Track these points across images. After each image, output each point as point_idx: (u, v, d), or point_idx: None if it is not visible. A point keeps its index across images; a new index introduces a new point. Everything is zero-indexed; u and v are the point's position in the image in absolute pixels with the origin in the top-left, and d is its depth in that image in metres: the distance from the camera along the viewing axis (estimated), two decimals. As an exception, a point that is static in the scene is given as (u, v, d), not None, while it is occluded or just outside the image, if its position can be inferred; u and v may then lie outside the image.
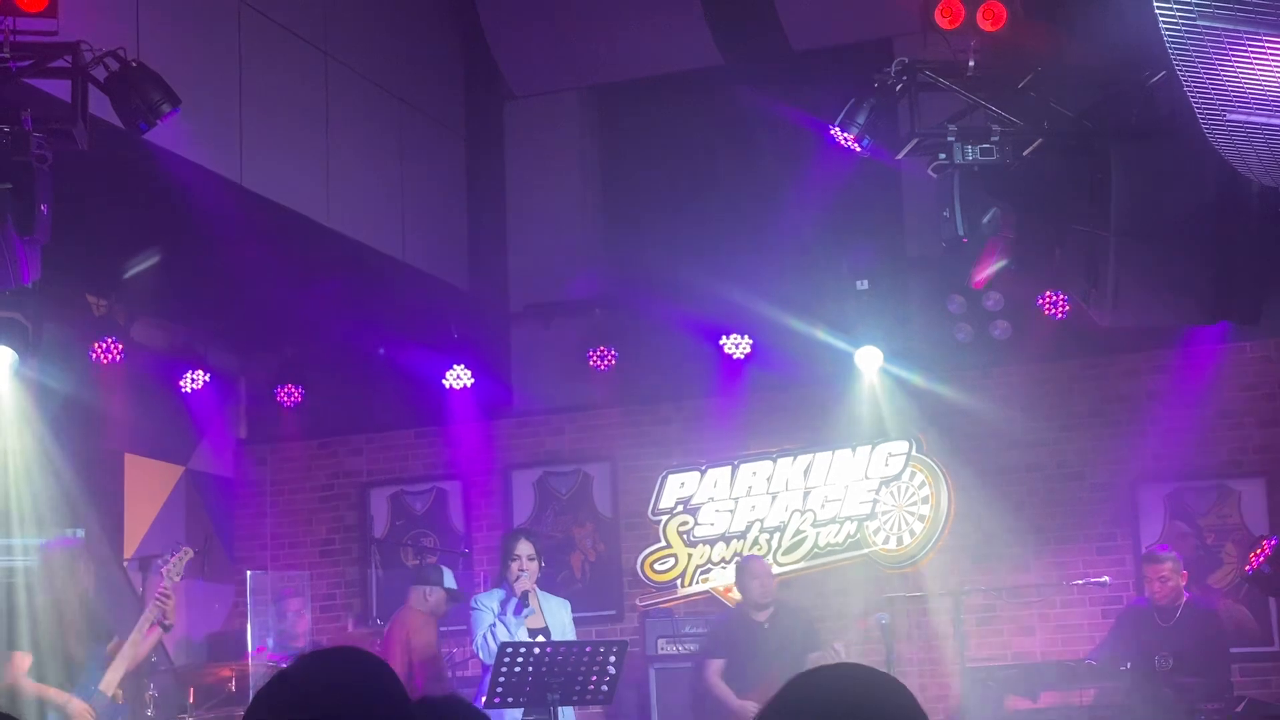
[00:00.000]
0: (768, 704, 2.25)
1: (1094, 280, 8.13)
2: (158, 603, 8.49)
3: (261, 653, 10.44)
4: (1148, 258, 7.96)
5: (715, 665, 9.96)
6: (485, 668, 8.43)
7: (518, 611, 8.43)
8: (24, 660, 8.23)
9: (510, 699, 7.88)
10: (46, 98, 7.57)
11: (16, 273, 7.31)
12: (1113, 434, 11.03)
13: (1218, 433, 10.85)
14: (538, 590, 8.70)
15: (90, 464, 11.22)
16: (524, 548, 8.63)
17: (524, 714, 8.28)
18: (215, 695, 10.10)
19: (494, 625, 8.42)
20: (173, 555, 8.72)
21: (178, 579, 8.66)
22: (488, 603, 8.58)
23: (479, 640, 8.49)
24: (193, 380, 11.60)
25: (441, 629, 10.68)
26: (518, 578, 8.53)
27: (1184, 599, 9.54)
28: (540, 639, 8.43)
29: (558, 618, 8.66)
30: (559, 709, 8.07)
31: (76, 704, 8.27)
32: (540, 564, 8.73)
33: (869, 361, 10.90)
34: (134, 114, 7.47)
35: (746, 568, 10.37)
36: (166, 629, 8.56)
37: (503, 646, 7.99)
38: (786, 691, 2.22)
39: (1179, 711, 8.65)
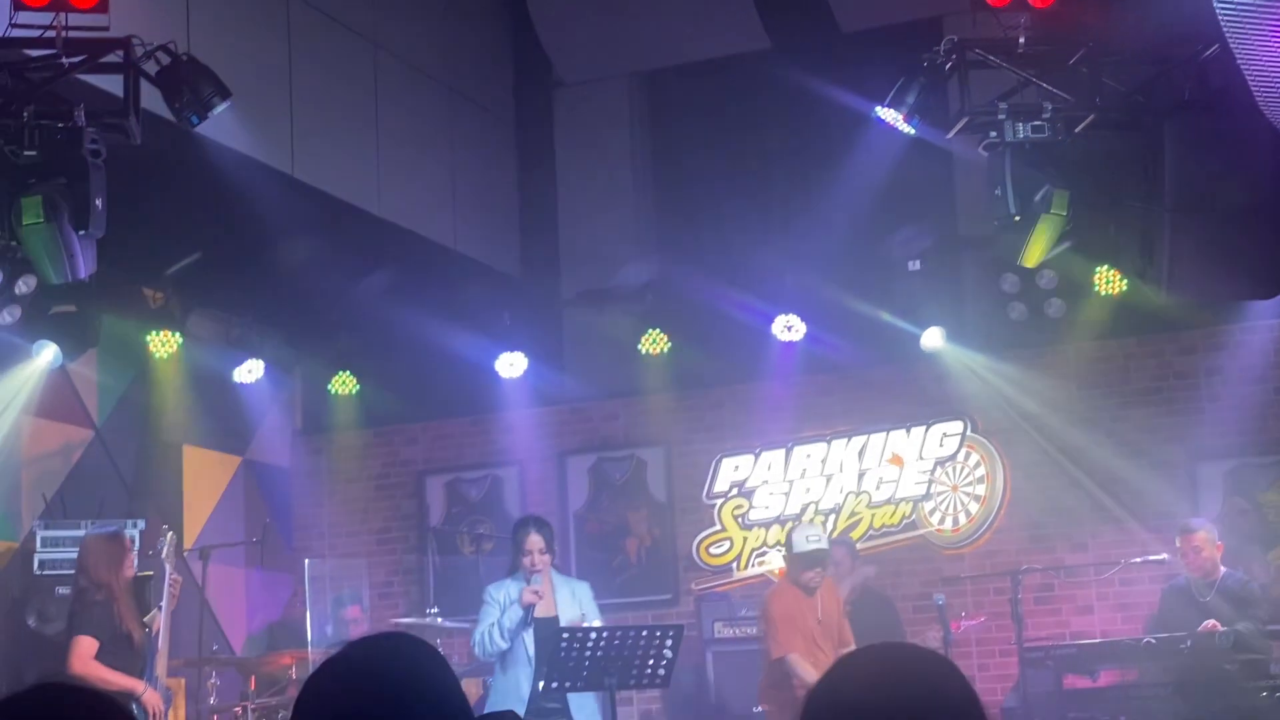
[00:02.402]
0: (819, 681, 2.25)
1: (1149, 256, 8.08)
2: (171, 590, 8.61)
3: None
4: (1203, 232, 7.90)
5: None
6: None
7: (524, 624, 8.25)
8: (91, 645, 8.15)
9: (567, 683, 7.88)
10: (99, 93, 7.64)
11: (73, 267, 7.38)
12: (1170, 411, 10.96)
13: (1276, 408, 10.76)
14: (554, 575, 8.48)
15: (149, 456, 11.33)
16: (535, 541, 8.35)
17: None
18: (276, 683, 10.17)
19: (492, 628, 8.21)
20: (164, 543, 8.86)
21: (173, 560, 8.80)
22: (496, 596, 8.36)
23: (477, 636, 8.30)
24: (249, 371, 11.68)
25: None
26: (531, 573, 8.33)
27: (1220, 573, 9.46)
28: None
29: (569, 607, 8.40)
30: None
31: (150, 693, 8.30)
32: (553, 553, 8.51)
33: (934, 342, 10.87)
34: (185, 107, 7.54)
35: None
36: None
37: (559, 631, 7.98)
38: (836, 669, 2.23)
39: (1240, 688, 8.58)
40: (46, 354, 9.47)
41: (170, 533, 9.05)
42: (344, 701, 2.49)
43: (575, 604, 8.44)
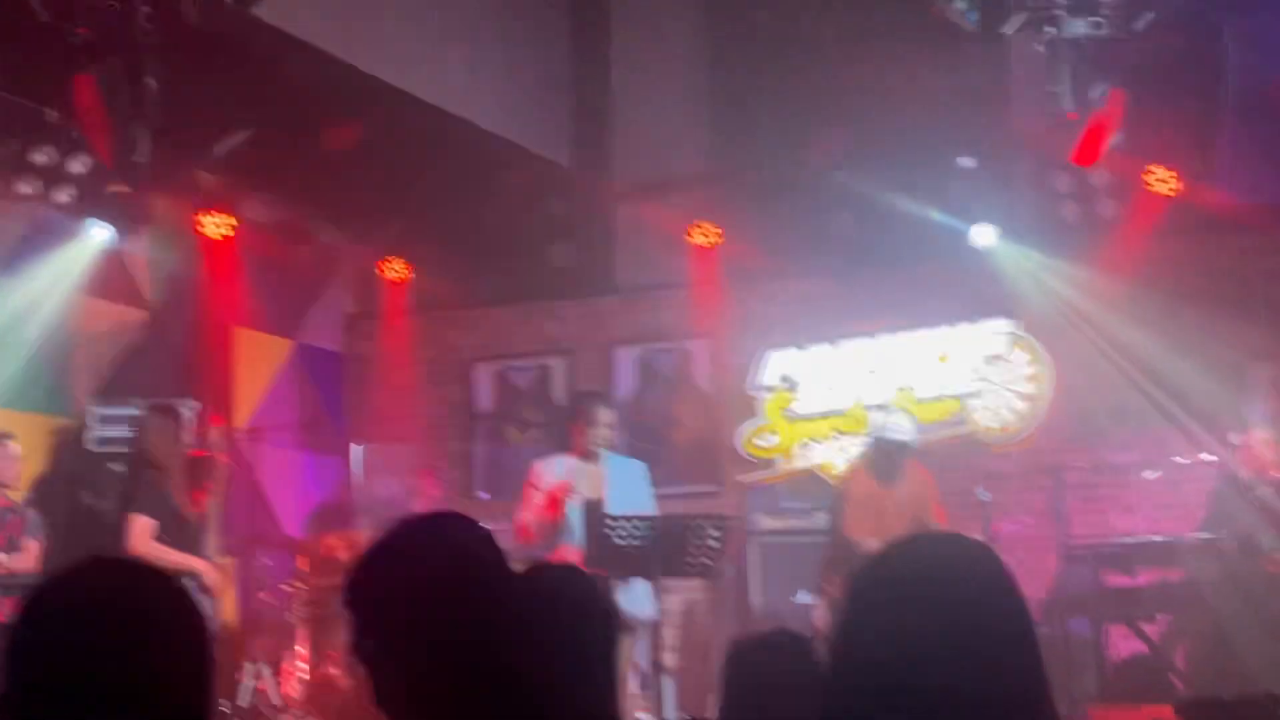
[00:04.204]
0: (865, 563, 2.27)
1: (1205, 156, 8.02)
2: (220, 472, 8.71)
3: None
4: (1260, 133, 7.84)
5: None
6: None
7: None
8: (147, 524, 8.20)
9: (611, 571, 7.93)
10: (155, -27, 7.63)
11: (127, 147, 7.43)
12: (1221, 313, 10.86)
13: (1330, 312, 10.68)
14: (608, 455, 8.51)
15: (201, 337, 11.43)
16: (606, 415, 8.46)
17: None
18: (326, 565, 10.30)
19: (527, 522, 8.35)
20: (211, 431, 8.98)
21: (222, 445, 8.91)
22: (541, 478, 8.45)
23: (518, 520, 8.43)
24: (300, 254, 11.74)
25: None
26: (598, 445, 8.41)
27: (1272, 475, 9.46)
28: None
29: (621, 488, 8.41)
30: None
31: (208, 567, 8.34)
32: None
33: (986, 240, 10.82)
34: (241, -11, 7.53)
35: None
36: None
37: (603, 518, 8.01)
38: (884, 554, 2.25)
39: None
40: (100, 233, 9.55)
41: (218, 419, 9.14)
42: (385, 580, 2.56)
43: (627, 486, 8.44)
